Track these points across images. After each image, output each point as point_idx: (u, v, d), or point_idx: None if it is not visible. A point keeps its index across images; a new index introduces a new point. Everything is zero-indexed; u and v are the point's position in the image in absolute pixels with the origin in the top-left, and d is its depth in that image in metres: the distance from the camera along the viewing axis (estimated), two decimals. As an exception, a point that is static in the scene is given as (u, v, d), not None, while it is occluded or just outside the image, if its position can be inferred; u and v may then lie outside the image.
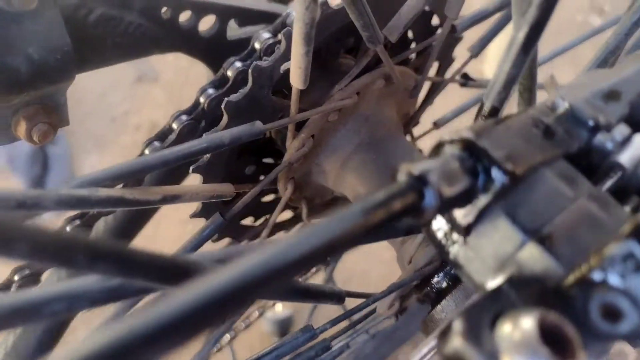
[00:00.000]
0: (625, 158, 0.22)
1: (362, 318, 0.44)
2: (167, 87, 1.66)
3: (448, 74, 0.58)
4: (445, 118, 0.60)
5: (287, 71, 0.40)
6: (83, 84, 1.72)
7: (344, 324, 0.44)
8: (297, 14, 0.32)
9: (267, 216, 0.58)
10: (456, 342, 0.18)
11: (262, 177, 0.53)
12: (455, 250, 0.22)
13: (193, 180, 0.53)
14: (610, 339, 0.18)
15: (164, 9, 0.43)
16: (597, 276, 0.18)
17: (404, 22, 0.39)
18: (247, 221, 0.56)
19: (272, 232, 0.57)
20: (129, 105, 1.63)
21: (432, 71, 0.55)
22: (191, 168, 0.42)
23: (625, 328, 0.18)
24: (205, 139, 0.37)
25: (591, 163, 0.23)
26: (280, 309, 1.36)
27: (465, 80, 0.53)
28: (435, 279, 0.42)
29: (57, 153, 1.56)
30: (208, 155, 0.42)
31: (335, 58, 0.49)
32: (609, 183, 0.22)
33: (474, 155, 0.21)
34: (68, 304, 0.21)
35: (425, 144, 0.64)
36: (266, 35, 0.46)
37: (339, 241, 0.17)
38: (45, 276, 0.50)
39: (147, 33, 0.44)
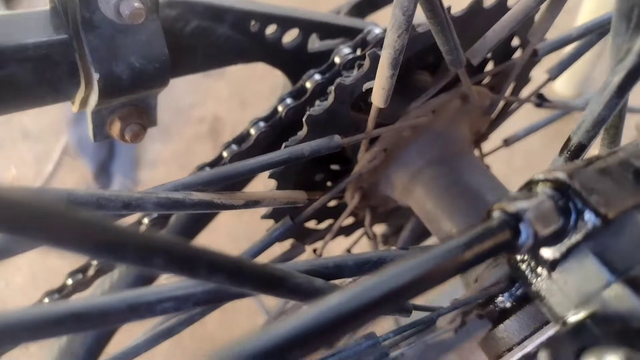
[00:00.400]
0: None
1: (421, 329, 0.45)
2: (232, 83, 1.71)
3: (523, 94, 0.57)
4: (516, 136, 0.60)
5: (368, 89, 0.42)
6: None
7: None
8: (387, 40, 0.33)
9: (331, 220, 0.60)
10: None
11: (329, 183, 0.55)
12: (539, 283, 0.23)
13: (256, 184, 0.56)
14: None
15: (252, 23, 0.46)
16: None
17: (488, 46, 0.40)
18: (311, 224, 0.58)
19: (334, 236, 0.58)
20: (194, 98, 1.69)
21: (508, 90, 0.55)
22: (269, 173, 0.45)
23: None
24: (286, 151, 0.39)
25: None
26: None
27: (541, 101, 0.53)
28: (500, 299, 0.43)
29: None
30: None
31: (411, 74, 0.50)
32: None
33: (566, 196, 0.21)
34: (176, 304, 0.23)
35: (494, 160, 0.64)
36: (346, 50, 0.48)
37: (439, 272, 0.18)
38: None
39: (235, 44, 0.46)
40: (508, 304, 0.43)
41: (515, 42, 0.51)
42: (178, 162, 1.60)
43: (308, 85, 0.47)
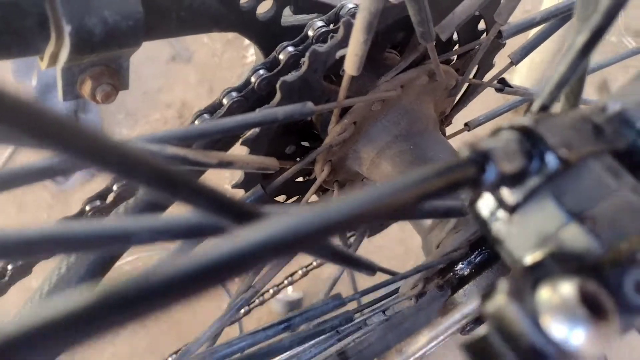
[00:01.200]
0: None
1: (385, 296, 0.46)
2: (199, 69, 1.69)
3: (485, 79, 0.59)
4: (477, 121, 0.62)
5: (340, 58, 0.43)
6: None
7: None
8: (363, 2, 0.34)
9: (299, 196, 0.60)
10: (500, 299, 0.20)
11: (298, 159, 0.55)
12: (498, 226, 0.25)
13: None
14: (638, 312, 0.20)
15: (228, -12, 0.46)
16: (637, 256, 0.20)
17: (457, 22, 0.41)
18: (280, 199, 0.59)
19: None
20: (162, 82, 1.67)
21: (472, 74, 0.57)
22: (241, 139, 0.45)
23: (657, 305, 0.20)
24: (260, 113, 0.40)
25: (636, 162, 0.25)
26: (290, 291, 1.38)
27: (503, 86, 0.55)
28: (459, 266, 0.44)
29: (89, 120, 1.59)
30: (257, 131, 0.45)
31: (381, 51, 0.51)
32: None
33: (530, 141, 0.23)
34: (152, 235, 0.23)
35: (455, 144, 0.66)
36: (320, 23, 0.48)
37: (405, 200, 0.19)
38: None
39: (209, 10, 0.46)
40: (467, 271, 0.44)
41: (482, 26, 0.53)
42: (141, 147, 1.57)
43: (281, 57, 0.48)
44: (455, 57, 0.54)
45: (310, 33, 0.48)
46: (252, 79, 0.49)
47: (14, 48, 0.38)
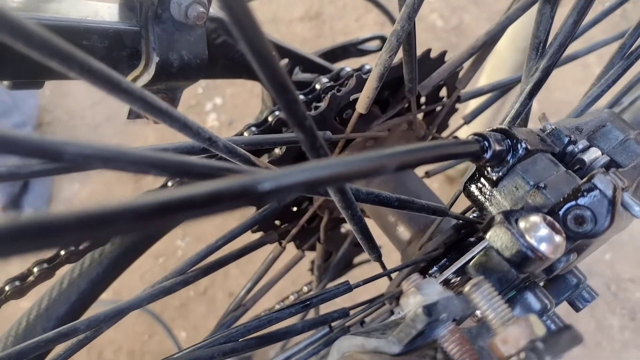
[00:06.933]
0: (584, 157, 0.39)
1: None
2: (159, 130, 1.78)
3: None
4: (435, 170, 0.78)
5: (350, 102, 0.57)
6: (81, 114, 1.81)
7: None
8: (380, 59, 0.48)
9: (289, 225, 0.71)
10: (499, 226, 0.33)
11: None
12: (485, 197, 0.38)
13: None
14: (577, 236, 0.34)
15: (261, 46, 0.59)
16: (574, 201, 0.34)
17: (433, 83, 0.57)
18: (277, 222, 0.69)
19: (290, 240, 0.70)
20: (120, 140, 1.73)
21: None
22: (266, 161, 0.56)
23: (586, 229, 0.34)
24: (285, 135, 0.52)
25: (565, 160, 0.40)
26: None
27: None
28: (433, 269, 0.57)
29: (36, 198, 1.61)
30: (281, 154, 0.57)
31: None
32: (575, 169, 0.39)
33: (506, 137, 0.37)
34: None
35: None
36: (325, 80, 0.63)
37: (426, 155, 0.32)
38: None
39: (245, 61, 0.59)
40: (437, 274, 0.57)
41: (443, 94, 0.70)
42: (95, 202, 1.59)
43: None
44: (422, 114, 0.70)
45: (317, 86, 0.62)
46: (269, 118, 0.62)
47: (104, 71, 0.49)
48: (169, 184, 0.58)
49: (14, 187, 1.59)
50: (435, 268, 0.57)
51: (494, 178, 0.37)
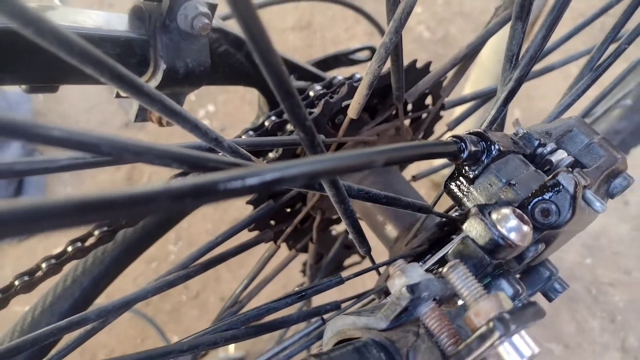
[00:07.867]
0: (552, 158, 0.44)
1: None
2: (152, 136, 1.81)
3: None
4: (421, 174, 0.82)
5: (342, 108, 0.61)
6: (75, 118, 1.84)
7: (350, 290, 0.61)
8: (370, 68, 0.53)
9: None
10: (474, 217, 0.37)
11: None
12: (463, 194, 0.42)
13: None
14: (544, 227, 0.38)
15: (258, 56, 0.64)
16: (540, 197, 0.39)
17: (419, 91, 0.61)
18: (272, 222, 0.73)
19: (284, 241, 0.74)
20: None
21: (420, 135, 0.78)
22: (265, 162, 0.60)
23: (551, 220, 0.38)
24: (283, 137, 0.56)
25: (535, 161, 0.44)
26: (232, 350, 1.44)
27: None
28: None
29: (34, 178, 1.63)
30: (278, 155, 0.61)
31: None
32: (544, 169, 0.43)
33: (482, 139, 0.41)
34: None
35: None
36: (318, 87, 0.67)
37: (406, 154, 0.36)
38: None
39: (243, 69, 0.63)
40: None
41: (428, 102, 0.74)
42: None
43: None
44: (409, 121, 0.75)
45: (311, 94, 0.67)
46: (266, 123, 0.66)
47: (115, 78, 0.53)
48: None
49: (7, 191, 1.61)
50: (420, 263, 0.61)
51: (471, 176, 0.42)
